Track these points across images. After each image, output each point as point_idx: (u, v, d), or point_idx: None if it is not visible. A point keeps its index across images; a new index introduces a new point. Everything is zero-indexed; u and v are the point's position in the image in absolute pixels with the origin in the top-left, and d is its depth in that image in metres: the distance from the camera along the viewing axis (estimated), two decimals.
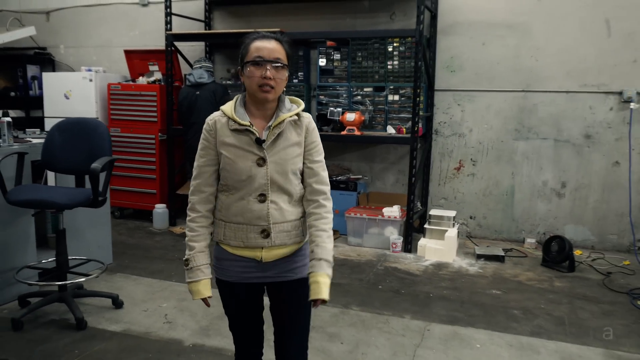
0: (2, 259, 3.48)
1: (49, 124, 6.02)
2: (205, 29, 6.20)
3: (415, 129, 4.85)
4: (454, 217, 5.11)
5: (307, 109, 5.65)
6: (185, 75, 5.85)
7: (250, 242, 1.82)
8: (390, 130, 5.21)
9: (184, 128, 5.21)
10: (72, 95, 6.09)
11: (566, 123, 5.13)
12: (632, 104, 4.88)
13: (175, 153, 5.79)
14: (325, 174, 1.90)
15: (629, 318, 3.59)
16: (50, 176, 4.21)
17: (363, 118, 5.20)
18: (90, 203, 3.20)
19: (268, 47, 1.76)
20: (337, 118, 5.27)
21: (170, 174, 5.81)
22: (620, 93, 4.93)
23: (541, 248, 4.87)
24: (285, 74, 1.80)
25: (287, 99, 1.89)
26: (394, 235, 5.03)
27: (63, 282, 3.33)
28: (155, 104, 5.77)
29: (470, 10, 5.28)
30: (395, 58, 5.30)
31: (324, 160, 1.91)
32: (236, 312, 1.96)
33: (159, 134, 5.79)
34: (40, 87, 6.93)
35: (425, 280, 4.28)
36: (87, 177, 3.51)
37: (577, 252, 4.95)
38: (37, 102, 6.84)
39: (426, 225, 5.12)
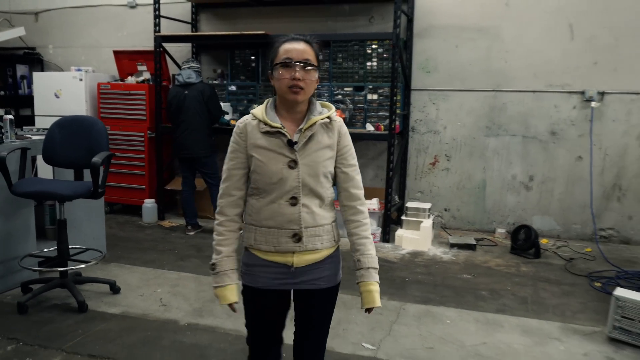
0: (5, 248, 3.70)
1: (39, 123, 6.22)
2: (192, 31, 6.44)
3: (393, 126, 5.16)
4: (429, 209, 5.44)
5: None
6: (173, 75, 6.10)
7: (281, 247, 1.80)
8: (369, 127, 5.51)
9: (173, 126, 5.44)
10: (62, 94, 6.28)
11: (533, 121, 5.49)
12: (593, 102, 5.26)
13: (163, 150, 6.02)
14: (359, 178, 1.91)
15: (586, 297, 3.94)
16: (46, 170, 4.42)
17: (343, 116, 5.50)
18: (91, 194, 3.44)
19: (297, 48, 1.77)
20: None
21: (159, 170, 6.03)
22: (583, 93, 5.30)
23: (510, 237, 5.22)
24: (315, 75, 1.80)
25: (318, 102, 1.89)
26: (373, 226, 5.34)
27: (64, 269, 3.56)
28: (144, 102, 5.99)
29: (444, 15, 5.61)
30: (373, 59, 5.61)
31: (357, 164, 1.92)
32: (264, 318, 1.92)
33: (148, 131, 6.02)
34: (29, 87, 7.12)
35: (402, 266, 4.60)
36: (84, 171, 3.77)
37: (543, 241, 5.32)
38: (26, 101, 7.03)
39: (403, 217, 5.43)
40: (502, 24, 5.45)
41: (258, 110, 1.84)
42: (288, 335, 2.00)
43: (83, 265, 3.69)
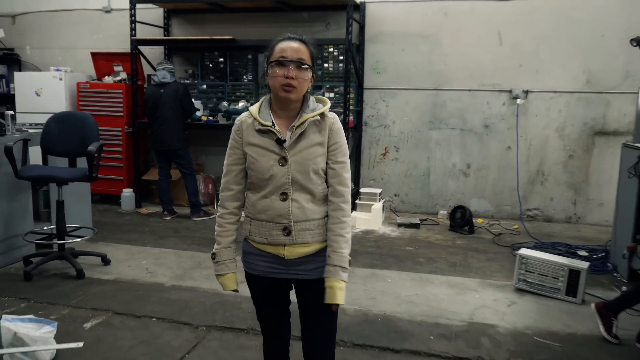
0: (7, 227, 4.25)
1: (20, 119, 6.67)
2: (164, 34, 7.00)
3: (347, 121, 5.87)
4: (380, 193, 6.17)
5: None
6: (148, 75, 6.67)
7: (272, 239, 1.88)
8: None
9: (150, 121, 6.01)
10: (42, 92, 6.75)
11: (469, 116, 6.29)
12: (518, 100, 6.09)
13: (140, 144, 6.58)
14: (347, 176, 1.92)
15: (506, 262, 4.73)
16: (36, 160, 4.91)
17: None
18: (86, 178, 4.02)
19: (292, 47, 1.81)
20: None
21: (136, 162, 6.59)
22: (510, 91, 6.12)
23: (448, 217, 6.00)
24: (308, 74, 1.83)
25: (312, 98, 1.92)
26: None
27: (63, 242, 4.14)
28: (121, 100, 6.54)
29: (392, 23, 6.35)
30: (330, 61, 6.31)
31: (347, 162, 1.94)
32: (262, 304, 2.05)
33: (125, 127, 6.57)
34: (8, 85, 7.55)
35: (354, 242, 5.28)
36: (77, 159, 4.35)
37: (479, 220, 6.13)
38: (6, 99, 7.45)
39: (357, 201, 6.15)
40: (442, 31, 6.23)
41: (254, 108, 1.92)
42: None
43: (79, 239, 4.28)
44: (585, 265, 3.78)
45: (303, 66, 1.81)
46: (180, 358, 2.92)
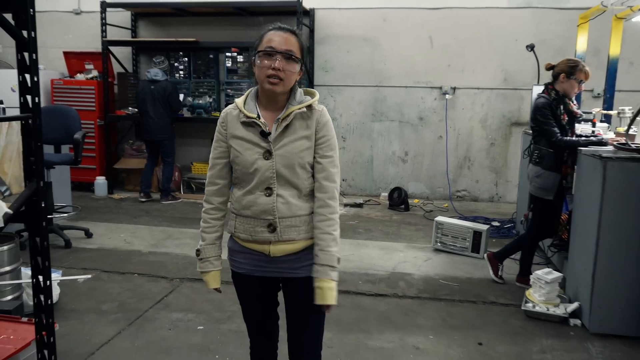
0: None
1: None
2: (132, 36, 7.64)
3: None
4: None
5: (217, 100, 7.32)
6: (117, 72, 7.31)
7: (257, 236, 1.80)
8: None
9: (140, 114, 6.68)
10: (18, 88, 7.29)
11: (406, 109, 7.20)
12: (447, 95, 7.03)
13: (111, 135, 7.22)
14: (335, 171, 1.83)
15: (430, 232, 5.60)
16: None
17: None
18: (73, 162, 4.70)
19: (281, 37, 1.74)
20: None
21: (108, 152, 7.24)
22: (440, 88, 7.05)
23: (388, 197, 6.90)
24: (296, 67, 1.74)
25: (300, 90, 1.84)
26: None
27: (51, 216, 4.81)
28: (93, 96, 7.17)
29: (338, 27, 7.19)
30: None
31: (335, 156, 1.85)
32: (248, 303, 1.97)
33: (98, 120, 7.20)
34: None
35: None
36: (62, 147, 5.01)
37: (415, 201, 7.04)
38: None
39: None
40: (381, 35, 7.11)
41: (239, 99, 1.85)
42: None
43: (65, 215, 4.94)
44: (485, 227, 4.72)
45: (291, 58, 1.75)
46: (160, 299, 3.68)
